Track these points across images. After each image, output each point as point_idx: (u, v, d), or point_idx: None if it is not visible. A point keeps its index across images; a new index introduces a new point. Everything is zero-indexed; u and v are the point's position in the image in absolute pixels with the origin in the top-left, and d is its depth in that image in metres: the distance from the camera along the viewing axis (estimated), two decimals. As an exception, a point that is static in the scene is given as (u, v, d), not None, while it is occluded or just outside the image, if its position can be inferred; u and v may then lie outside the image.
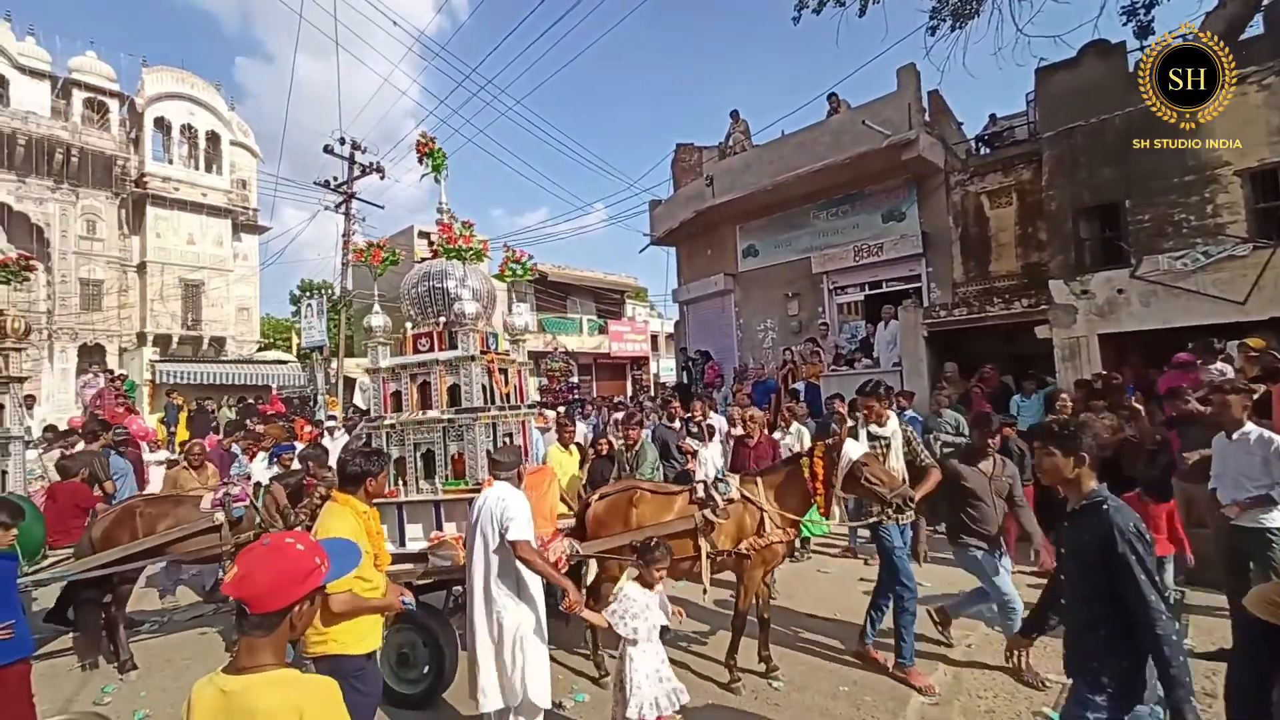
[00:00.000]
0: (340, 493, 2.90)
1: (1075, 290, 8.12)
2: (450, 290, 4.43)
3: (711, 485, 3.85)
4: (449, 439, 4.10)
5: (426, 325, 4.52)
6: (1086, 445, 2.16)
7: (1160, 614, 1.91)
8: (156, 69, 23.12)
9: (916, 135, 9.63)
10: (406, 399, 4.30)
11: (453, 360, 4.20)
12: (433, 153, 4.74)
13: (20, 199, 19.50)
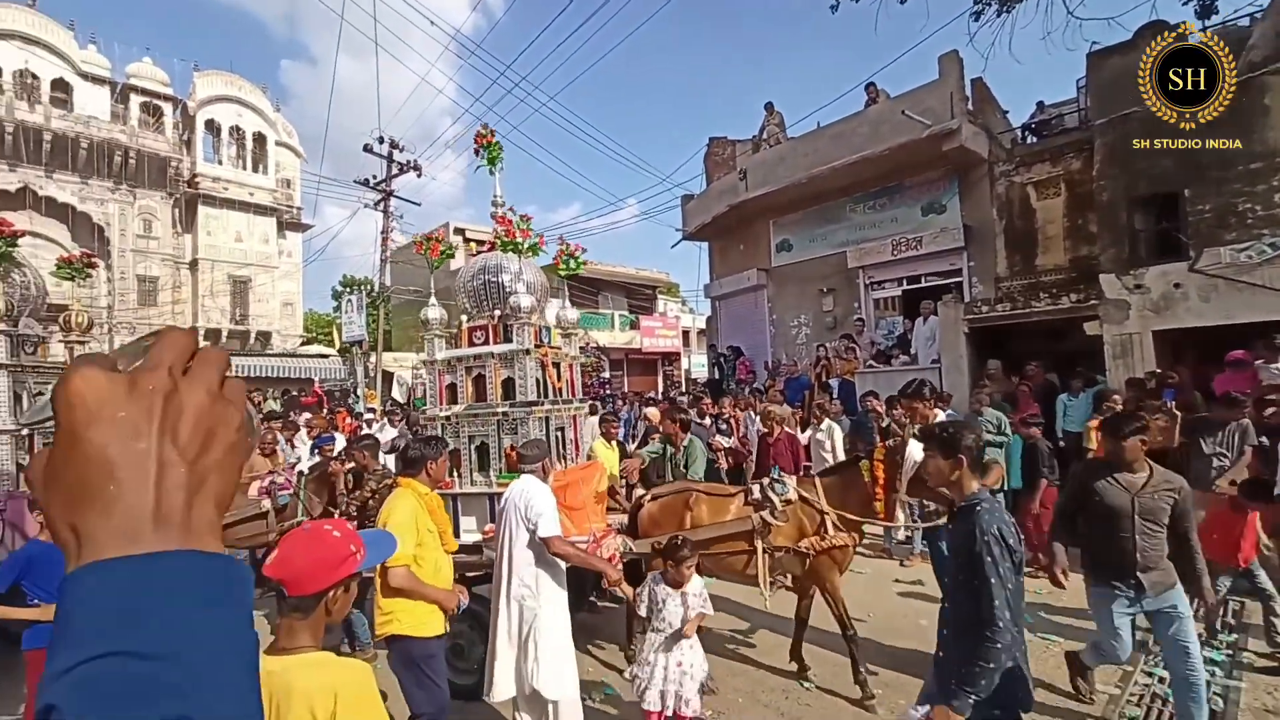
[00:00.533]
0: (402, 477, 3.04)
1: (1128, 284, 7.76)
2: (505, 284, 4.45)
3: (768, 487, 3.75)
4: (503, 432, 4.14)
5: (481, 318, 4.56)
6: (966, 448, 2.25)
7: (999, 618, 1.98)
8: (207, 73, 24.04)
9: (959, 125, 9.32)
10: (462, 391, 4.35)
11: (507, 354, 4.23)
12: (489, 145, 4.75)
13: (83, 200, 20.54)
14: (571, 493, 4.06)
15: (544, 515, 3.07)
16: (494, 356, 4.26)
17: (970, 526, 2.11)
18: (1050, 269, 9.44)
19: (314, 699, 1.35)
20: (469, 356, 4.37)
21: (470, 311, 4.65)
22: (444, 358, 4.47)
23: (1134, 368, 7.50)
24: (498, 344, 4.34)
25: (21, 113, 18.87)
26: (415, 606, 2.82)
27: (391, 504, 2.92)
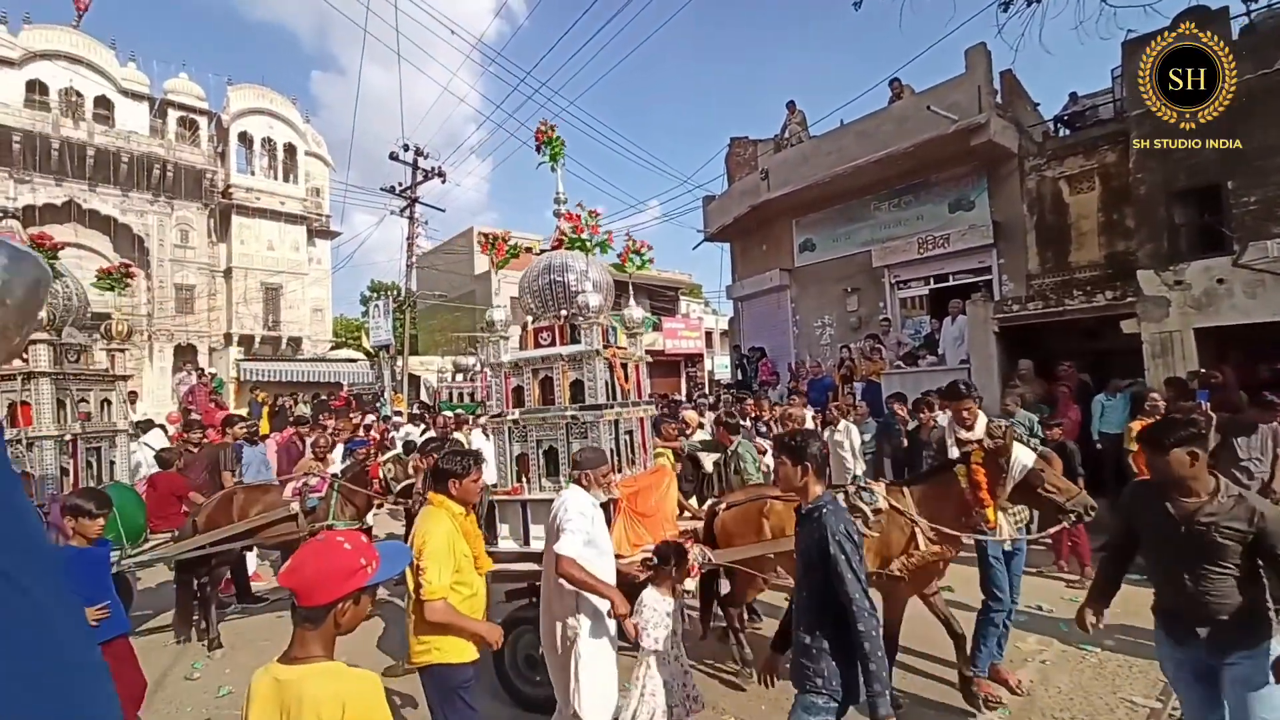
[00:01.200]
0: (434, 494, 2.89)
1: (1168, 281, 7.48)
2: (571, 283, 4.33)
3: (855, 495, 3.53)
4: (572, 436, 4.02)
5: (547, 319, 4.44)
6: (811, 455, 2.34)
7: (863, 611, 2.08)
8: (240, 87, 24.76)
9: (987, 119, 9.10)
10: (529, 394, 4.25)
11: (576, 355, 4.12)
12: (551, 140, 4.62)
13: (124, 212, 21.31)
14: (642, 499, 3.97)
15: (565, 530, 2.93)
16: (562, 358, 4.15)
17: (819, 529, 2.21)
18: (1084, 265, 9.15)
19: (323, 709, 1.37)
20: (535, 358, 4.25)
21: (535, 312, 4.52)
22: (510, 360, 4.37)
23: (1174, 367, 7.22)
24: (564, 345, 4.23)
25: (67, 129, 19.66)
26: (455, 633, 2.71)
27: (425, 526, 2.73)
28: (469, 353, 22.16)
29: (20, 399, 4.95)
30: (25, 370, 4.95)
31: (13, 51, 19.43)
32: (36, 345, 4.99)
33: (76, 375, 5.37)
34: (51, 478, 4.95)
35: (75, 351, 5.46)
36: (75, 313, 5.57)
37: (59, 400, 5.14)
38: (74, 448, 5.18)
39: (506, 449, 4.22)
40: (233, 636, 5.10)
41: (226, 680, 4.31)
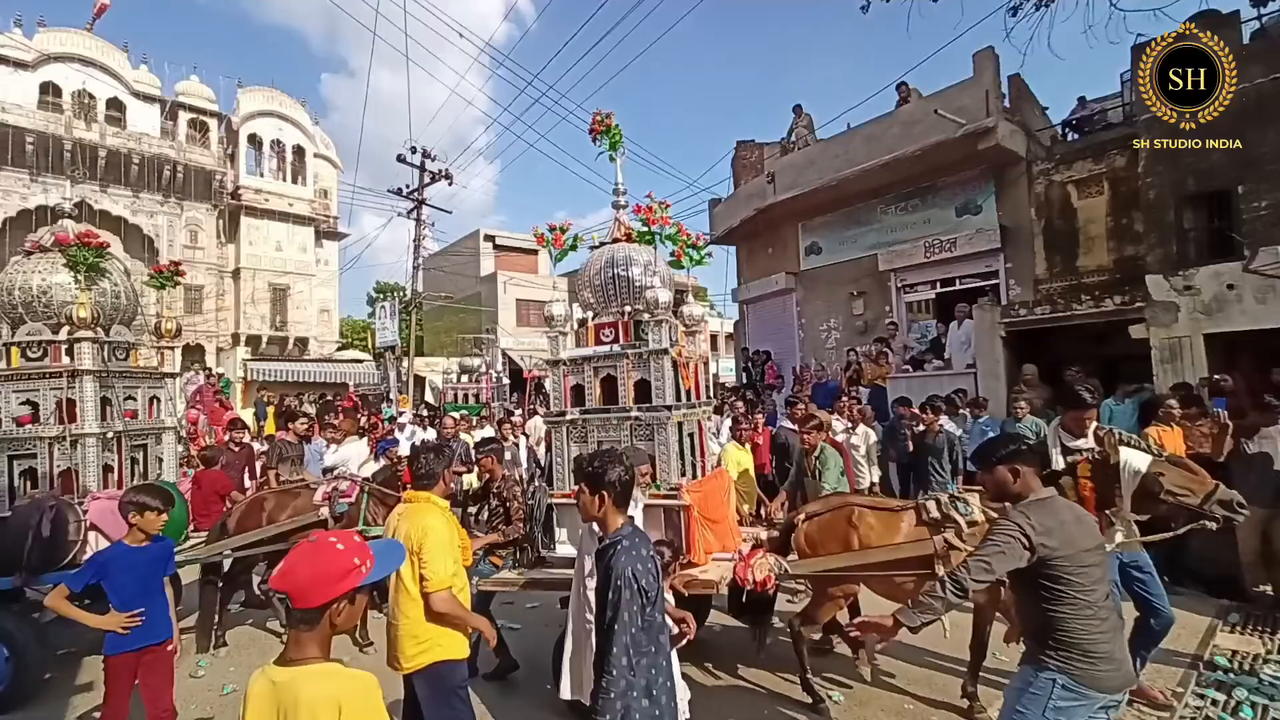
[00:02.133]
0: (414, 493, 2.80)
1: (1177, 286, 7.42)
2: (634, 277, 4.15)
3: (949, 505, 3.33)
4: (636, 437, 3.86)
5: (610, 315, 4.26)
6: (609, 483, 2.18)
7: (615, 665, 1.99)
8: (250, 89, 24.96)
9: (995, 123, 9.08)
10: (590, 394, 4.09)
11: (643, 353, 3.96)
12: (608, 130, 4.44)
13: (135, 212, 21.50)
14: (711, 504, 3.85)
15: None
16: (627, 356, 3.98)
17: (608, 569, 2.08)
18: (1092, 270, 9.10)
19: (319, 710, 1.36)
20: (597, 356, 4.08)
21: (596, 308, 4.35)
22: (570, 357, 4.20)
23: (1183, 373, 7.16)
24: (628, 342, 4.06)
25: (80, 131, 19.86)
26: (451, 630, 2.65)
27: (422, 521, 2.65)
28: (474, 354, 22.23)
29: (66, 396, 4.94)
30: (70, 368, 4.93)
31: (27, 54, 19.66)
32: (81, 343, 4.97)
33: (121, 373, 5.34)
34: (94, 475, 4.92)
35: (124, 349, 5.45)
36: (124, 311, 5.59)
37: (104, 398, 5.11)
38: (118, 445, 5.17)
39: (565, 450, 4.07)
40: (237, 636, 5.12)
41: (230, 679, 4.32)
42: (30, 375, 4.96)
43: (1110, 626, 2.10)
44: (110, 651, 2.98)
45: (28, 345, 5.04)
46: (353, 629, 1.39)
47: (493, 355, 22.31)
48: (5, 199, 18.70)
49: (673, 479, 3.76)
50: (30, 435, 4.86)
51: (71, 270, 5.19)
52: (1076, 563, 2.07)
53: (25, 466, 4.91)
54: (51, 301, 5.12)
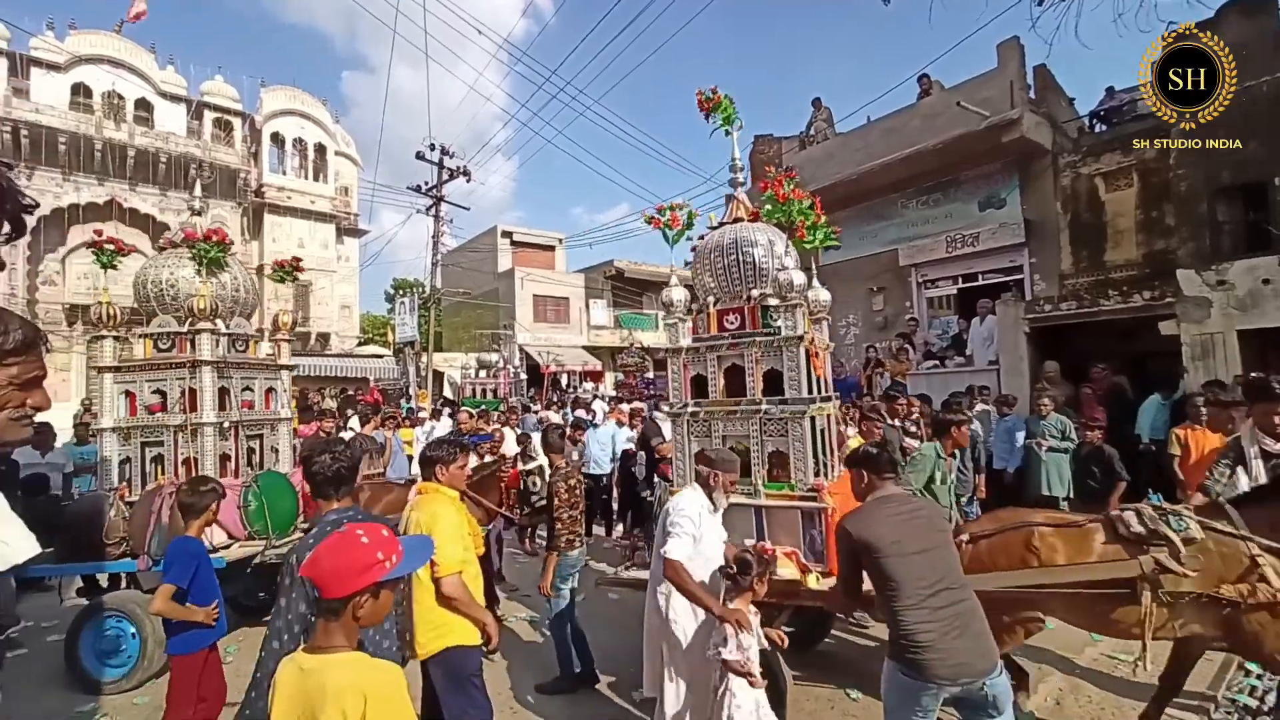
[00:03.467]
0: (425, 484, 2.82)
1: (1210, 280, 7.22)
2: (760, 259, 3.87)
3: (1155, 519, 2.85)
4: (767, 434, 3.59)
5: (734, 301, 3.97)
6: (308, 473, 2.42)
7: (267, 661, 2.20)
8: (273, 88, 25.33)
9: (1020, 115, 8.89)
10: (713, 385, 3.83)
11: (775, 341, 3.65)
12: (720, 105, 4.16)
13: (162, 211, 21.96)
14: (852, 507, 3.42)
15: (672, 533, 2.78)
16: (756, 344, 3.68)
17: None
18: (1120, 265, 8.89)
19: (344, 699, 1.38)
20: (724, 344, 3.78)
21: (717, 293, 4.06)
22: (691, 345, 3.92)
23: (1216, 370, 6.97)
24: (755, 329, 3.76)
25: (109, 131, 20.33)
26: (466, 611, 2.67)
27: (431, 508, 2.70)
28: (492, 350, 22.39)
29: (189, 386, 5.14)
30: (191, 358, 5.13)
31: (59, 56, 20.15)
32: (200, 334, 5.15)
33: (240, 364, 5.52)
34: (212, 463, 5.06)
35: (243, 341, 5.62)
36: (243, 304, 5.78)
37: (222, 388, 5.29)
38: (235, 435, 5.32)
39: (685, 444, 3.84)
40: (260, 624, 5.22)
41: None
42: (159, 365, 5.21)
43: (941, 619, 2.19)
44: (182, 651, 2.92)
45: (158, 336, 5.31)
46: (377, 624, 1.38)
47: (510, 350, 22.46)
48: (40, 198, 19.19)
49: (809, 479, 3.48)
50: (159, 423, 5.09)
51: (195, 264, 5.43)
52: (899, 559, 2.26)
53: (155, 454, 5.14)
54: (178, 294, 5.38)
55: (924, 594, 2.22)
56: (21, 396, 1.13)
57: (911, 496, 2.41)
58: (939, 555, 2.32)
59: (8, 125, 18.18)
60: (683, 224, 4.32)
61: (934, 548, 2.32)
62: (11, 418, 1.12)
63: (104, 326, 5.33)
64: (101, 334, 5.32)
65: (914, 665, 2.18)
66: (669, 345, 4.09)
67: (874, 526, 2.35)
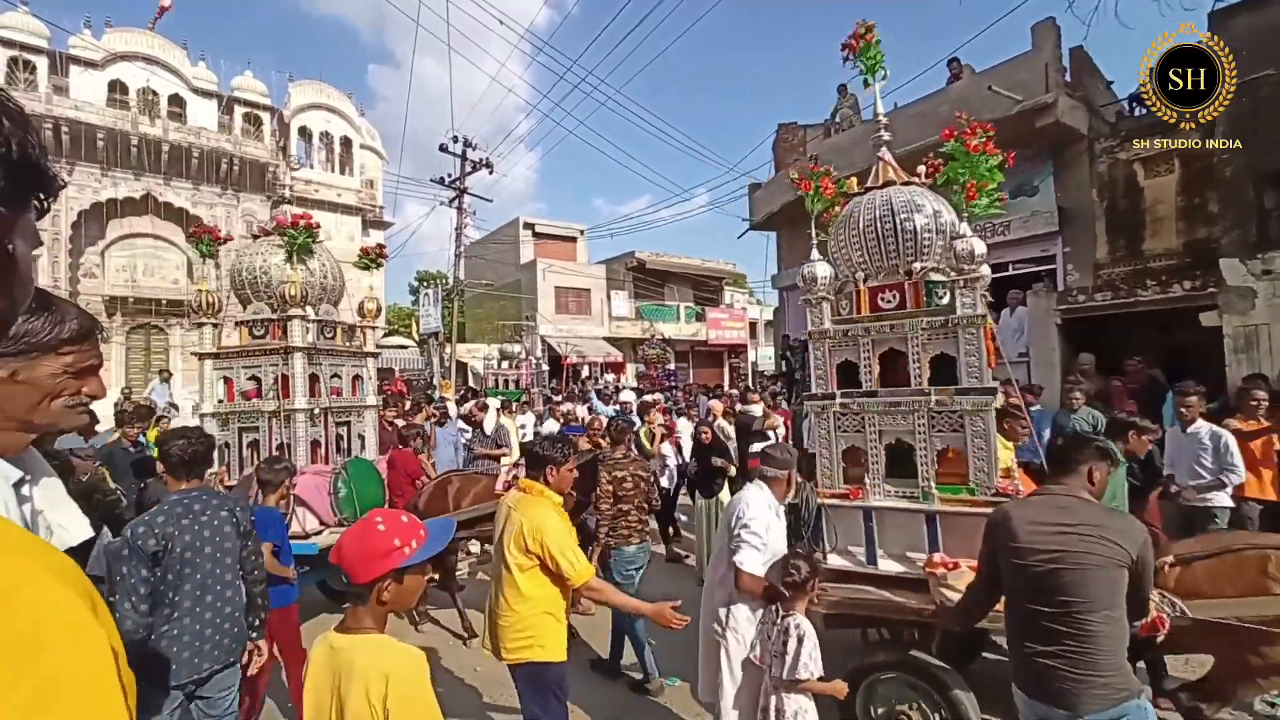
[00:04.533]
0: (529, 481, 2.70)
1: (1255, 270, 6.94)
2: (920, 227, 3.39)
3: None
4: (936, 428, 3.16)
5: (890, 276, 3.50)
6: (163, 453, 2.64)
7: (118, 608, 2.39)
8: (301, 83, 25.72)
9: (1055, 98, 8.61)
10: (865, 373, 3.40)
11: (949, 321, 3.15)
12: (868, 47, 3.70)
13: (195, 204, 22.52)
14: None
15: (745, 542, 2.70)
16: (923, 326, 3.20)
17: None
18: (1159, 254, 8.59)
19: (369, 679, 1.43)
20: (881, 327, 3.34)
21: (869, 268, 3.59)
22: (838, 327, 3.49)
23: (1260, 363, 6.72)
24: (918, 307, 3.30)
25: (145, 127, 20.86)
26: (558, 628, 2.62)
27: (537, 515, 2.57)
28: (514, 341, 22.57)
29: (281, 372, 5.22)
30: (284, 345, 5.21)
31: (96, 54, 20.70)
32: (291, 321, 5.21)
33: (329, 351, 5.58)
34: (304, 449, 5.16)
35: (331, 327, 5.69)
36: (331, 291, 5.85)
37: (312, 374, 5.36)
38: (324, 421, 5.39)
39: (832, 441, 3.45)
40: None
41: None
42: (254, 352, 5.33)
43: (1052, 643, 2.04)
44: (277, 604, 3.31)
45: (253, 324, 5.42)
46: (404, 609, 1.40)
47: (532, 342, 22.62)
48: (80, 193, 19.83)
49: (994, 481, 3.04)
50: (254, 409, 5.20)
51: (286, 251, 5.50)
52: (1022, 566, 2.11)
53: (251, 439, 5.26)
54: (271, 282, 5.45)
55: (1042, 611, 2.03)
56: (77, 385, 1.17)
57: (1076, 500, 2.11)
58: (1085, 574, 2.00)
59: (49, 122, 18.75)
60: (838, 189, 3.97)
61: (1080, 567, 2.00)
62: (67, 405, 1.16)
63: (202, 314, 5.44)
64: (201, 321, 5.45)
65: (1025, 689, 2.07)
66: (810, 328, 3.63)
67: (1011, 523, 2.12)
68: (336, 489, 4.87)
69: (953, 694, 2.68)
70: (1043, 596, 2.04)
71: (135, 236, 21.39)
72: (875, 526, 3.21)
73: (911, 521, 3.22)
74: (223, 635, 2.53)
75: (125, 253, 21.25)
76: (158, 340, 21.45)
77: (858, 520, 3.28)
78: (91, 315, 1.25)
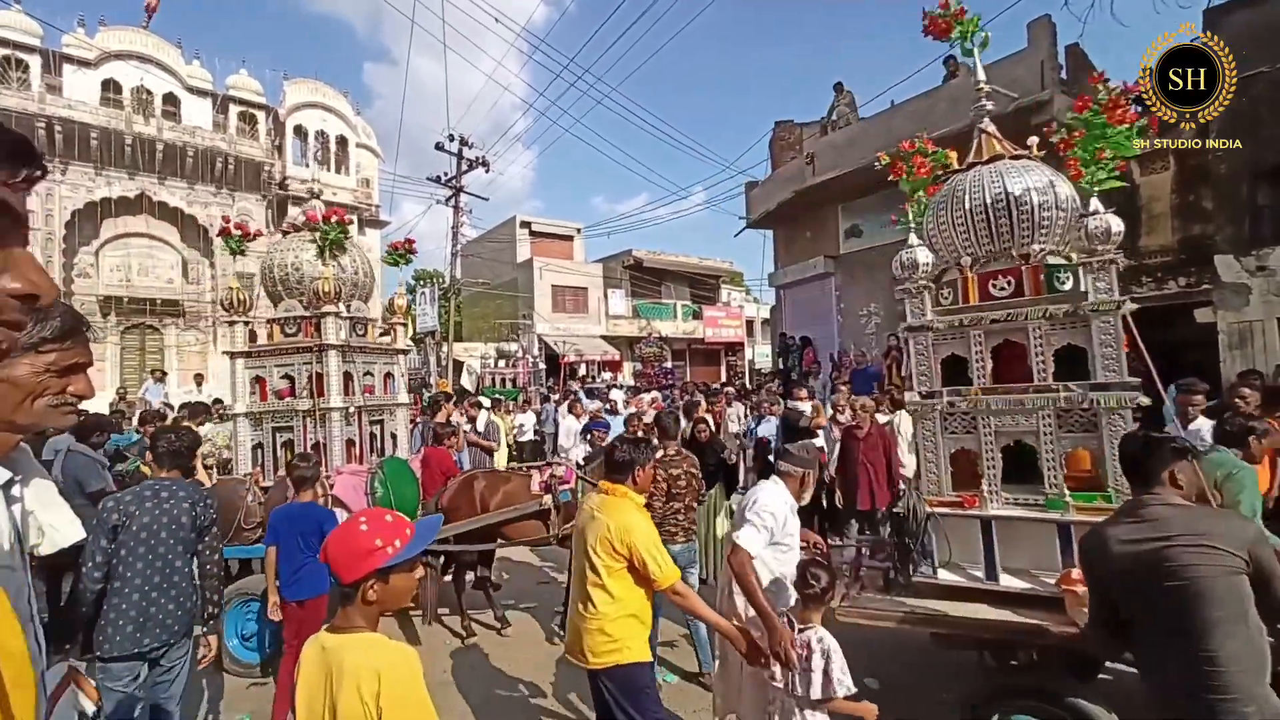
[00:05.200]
0: (612, 484, 2.63)
1: (1249, 266, 6.99)
2: (1037, 205, 3.05)
3: None
4: (1063, 429, 2.88)
5: (1001, 260, 3.20)
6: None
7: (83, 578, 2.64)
8: (296, 81, 25.62)
9: (1050, 96, 8.65)
10: (977, 368, 3.09)
11: (1079, 310, 2.88)
12: (961, 22, 3.48)
13: (190, 204, 22.43)
14: None
15: (753, 522, 2.66)
16: (1046, 315, 2.91)
17: None
18: (1155, 250, 8.63)
19: (360, 677, 1.43)
20: (998, 316, 3.01)
21: (977, 251, 3.27)
22: (945, 318, 3.16)
23: (1254, 359, 6.76)
24: (1038, 295, 2.99)
25: (139, 126, 20.76)
26: (642, 631, 2.57)
27: (624, 517, 2.51)
28: (511, 340, 22.55)
29: (315, 370, 5.09)
30: (318, 342, 5.09)
31: (90, 53, 20.58)
32: (325, 318, 5.08)
33: (361, 348, 5.45)
34: (340, 448, 5.05)
35: (362, 325, 5.56)
36: (361, 288, 5.72)
37: (346, 373, 5.23)
38: (359, 420, 5.28)
39: (938, 444, 3.19)
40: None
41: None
42: (286, 350, 5.22)
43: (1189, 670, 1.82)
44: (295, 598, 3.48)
45: (285, 321, 5.31)
46: (395, 608, 1.37)
47: (529, 340, 22.60)
48: (74, 192, 19.73)
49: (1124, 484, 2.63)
50: (288, 408, 5.08)
51: (318, 247, 5.38)
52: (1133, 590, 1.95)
53: (285, 439, 5.15)
54: (303, 278, 5.33)
55: (1160, 637, 1.85)
56: (61, 384, 1.14)
57: (1167, 509, 1.90)
58: (1196, 589, 1.78)
59: (42, 121, 18.64)
60: (934, 169, 3.71)
61: (1188, 582, 1.79)
62: (51, 404, 1.13)
63: (234, 312, 5.33)
64: (233, 319, 5.33)
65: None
66: (909, 321, 3.30)
67: (1105, 546, 1.92)
68: (373, 489, 4.78)
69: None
70: (1155, 621, 1.85)
71: (129, 236, 21.28)
72: (994, 534, 2.90)
73: (1037, 532, 2.90)
74: (166, 615, 2.69)
75: (119, 252, 21.14)
76: (152, 340, 21.37)
77: (971, 532, 2.98)
78: (78, 313, 1.23)
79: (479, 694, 3.94)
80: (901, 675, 3.68)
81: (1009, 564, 2.93)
